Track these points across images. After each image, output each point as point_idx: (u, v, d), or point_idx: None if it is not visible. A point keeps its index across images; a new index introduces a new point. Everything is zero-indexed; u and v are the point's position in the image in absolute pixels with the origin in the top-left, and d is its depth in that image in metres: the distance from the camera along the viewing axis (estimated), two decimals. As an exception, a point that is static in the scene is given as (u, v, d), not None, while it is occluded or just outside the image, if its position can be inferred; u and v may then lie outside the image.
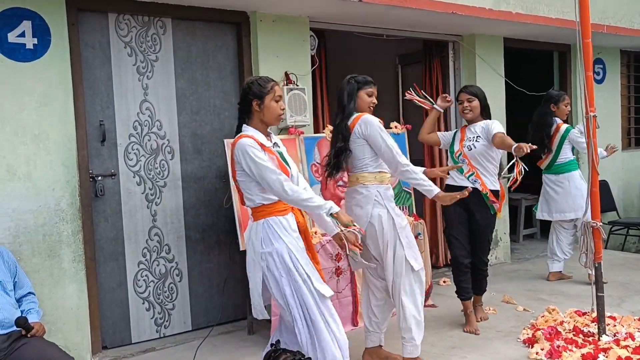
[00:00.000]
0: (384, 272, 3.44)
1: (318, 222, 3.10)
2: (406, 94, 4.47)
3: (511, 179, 4.04)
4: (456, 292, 4.30)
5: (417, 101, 4.42)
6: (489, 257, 4.46)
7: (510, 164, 3.97)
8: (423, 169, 3.69)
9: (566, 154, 5.29)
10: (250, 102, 2.93)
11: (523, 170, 3.91)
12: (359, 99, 3.45)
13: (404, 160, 3.35)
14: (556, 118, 5.28)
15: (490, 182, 4.19)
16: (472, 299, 4.40)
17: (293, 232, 2.92)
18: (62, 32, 3.71)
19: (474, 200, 4.16)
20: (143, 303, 4.16)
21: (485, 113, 4.25)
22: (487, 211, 4.20)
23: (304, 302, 2.84)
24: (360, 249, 3.04)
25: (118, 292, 4.07)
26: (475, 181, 4.15)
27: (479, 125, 4.24)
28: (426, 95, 4.46)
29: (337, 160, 3.42)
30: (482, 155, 4.16)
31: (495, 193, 4.18)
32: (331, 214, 2.84)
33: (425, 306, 4.73)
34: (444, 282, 5.41)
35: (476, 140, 4.17)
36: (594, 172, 3.82)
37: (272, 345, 2.76)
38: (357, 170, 3.43)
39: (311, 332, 2.83)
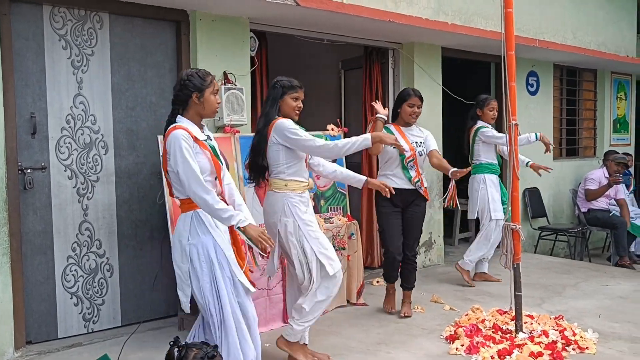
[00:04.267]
0: (298, 275, 3.51)
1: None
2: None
3: (447, 199, 4.48)
4: (384, 276, 4.71)
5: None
6: (418, 249, 4.71)
7: (449, 190, 4.42)
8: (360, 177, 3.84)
9: (479, 157, 5.48)
10: (190, 94, 2.95)
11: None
12: (284, 104, 3.45)
13: (321, 144, 3.33)
14: (480, 122, 5.49)
15: (425, 181, 4.50)
16: (403, 294, 4.66)
17: (222, 225, 2.95)
18: (-7, 22, 3.67)
19: (411, 199, 4.41)
20: (71, 298, 4.13)
21: None
22: (422, 203, 4.51)
23: (221, 298, 2.88)
24: (265, 256, 3.17)
25: (45, 286, 4.02)
26: (420, 187, 4.43)
27: (418, 131, 4.50)
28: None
29: (257, 168, 3.49)
30: (424, 160, 4.49)
31: (426, 189, 4.51)
32: (239, 227, 2.85)
33: (356, 304, 4.89)
34: (377, 282, 5.54)
35: (423, 147, 4.45)
36: (514, 177, 4.01)
37: (171, 343, 2.69)
38: (272, 176, 3.50)
39: (222, 329, 2.88)
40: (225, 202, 3.00)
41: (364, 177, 3.81)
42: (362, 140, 3.35)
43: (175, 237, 3.01)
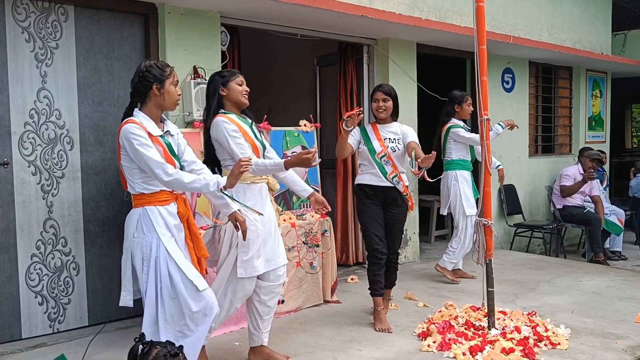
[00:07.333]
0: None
1: (215, 205, 3.18)
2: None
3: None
4: (369, 288, 4.28)
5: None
6: (399, 250, 4.60)
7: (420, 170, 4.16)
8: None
9: (450, 154, 5.47)
10: (150, 85, 2.90)
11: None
12: (230, 90, 3.38)
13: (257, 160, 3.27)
14: (454, 119, 5.48)
15: (405, 179, 4.37)
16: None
17: (173, 222, 2.91)
18: (-49, 13, 3.56)
19: (392, 197, 4.31)
20: (35, 297, 4.02)
21: (395, 114, 4.37)
22: (404, 204, 4.37)
23: (162, 297, 2.86)
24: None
25: (8, 286, 3.91)
26: (397, 182, 4.30)
27: (395, 128, 4.37)
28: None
29: (211, 159, 3.43)
30: (402, 156, 4.35)
31: (407, 187, 4.37)
32: (221, 189, 2.83)
33: (330, 302, 4.85)
34: (352, 279, 5.50)
35: (398, 143, 4.30)
36: (486, 172, 3.99)
37: (136, 339, 2.65)
38: (222, 166, 3.45)
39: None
40: None
41: (310, 190, 3.66)
42: (276, 167, 3.26)
43: (125, 233, 2.96)
